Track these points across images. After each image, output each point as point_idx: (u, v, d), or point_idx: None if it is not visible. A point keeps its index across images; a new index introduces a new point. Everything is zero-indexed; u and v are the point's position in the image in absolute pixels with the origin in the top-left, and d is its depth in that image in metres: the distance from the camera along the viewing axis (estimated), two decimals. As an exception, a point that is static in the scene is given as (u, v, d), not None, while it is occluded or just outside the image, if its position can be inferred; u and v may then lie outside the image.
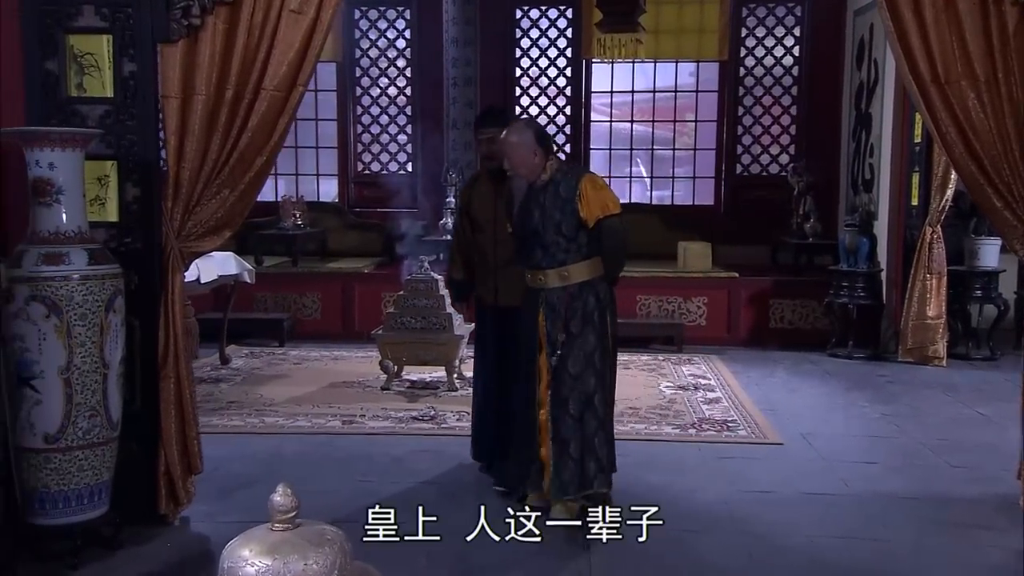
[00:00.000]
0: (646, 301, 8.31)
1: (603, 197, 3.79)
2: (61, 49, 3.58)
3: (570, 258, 3.79)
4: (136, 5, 3.57)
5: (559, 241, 3.78)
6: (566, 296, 3.80)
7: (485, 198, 4.39)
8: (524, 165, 3.81)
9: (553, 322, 3.82)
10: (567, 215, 3.75)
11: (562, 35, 9.79)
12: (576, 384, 3.80)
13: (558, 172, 3.84)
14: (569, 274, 3.80)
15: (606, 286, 3.88)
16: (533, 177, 3.84)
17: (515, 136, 3.83)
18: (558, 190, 3.79)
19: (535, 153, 3.80)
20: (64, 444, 3.33)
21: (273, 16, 3.55)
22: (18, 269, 3.25)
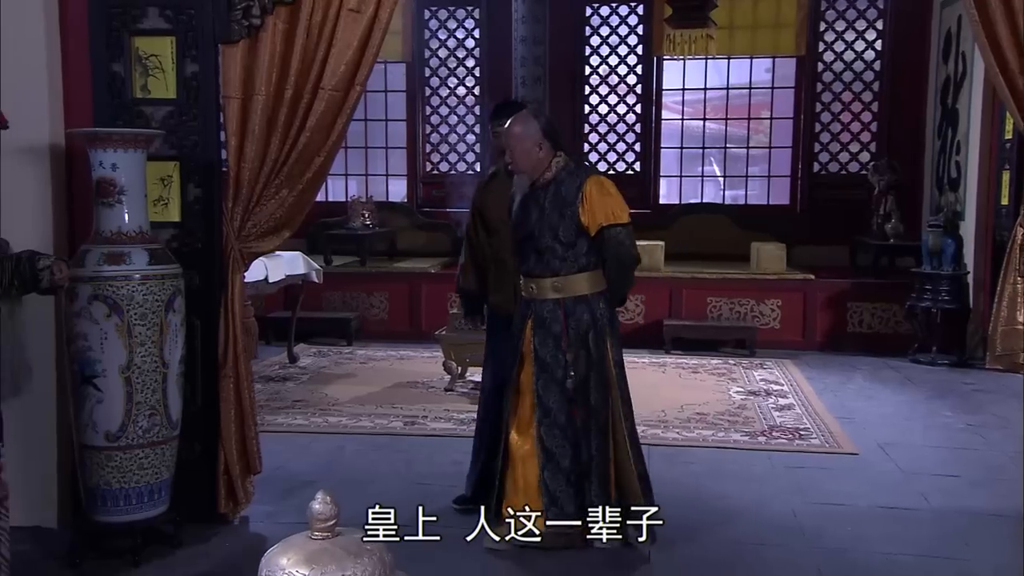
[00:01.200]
0: (717, 303, 8.11)
1: (609, 203, 3.38)
2: (126, 51, 3.62)
3: (566, 267, 3.41)
4: (198, 6, 3.59)
5: (555, 248, 3.40)
6: (559, 311, 3.41)
7: (501, 197, 3.95)
8: (526, 160, 3.43)
9: (541, 339, 3.44)
10: (566, 219, 3.38)
11: (632, 32, 9.64)
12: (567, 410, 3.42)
13: (563, 171, 3.45)
14: (563, 286, 3.42)
15: (606, 305, 3.47)
16: (536, 174, 3.47)
17: (519, 126, 3.45)
18: (559, 191, 3.41)
19: (539, 147, 3.42)
20: (125, 442, 3.36)
21: (332, 15, 3.53)
22: (81, 268, 3.29)
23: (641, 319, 8.17)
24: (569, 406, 3.43)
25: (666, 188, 10.18)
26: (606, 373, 3.45)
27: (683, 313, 8.09)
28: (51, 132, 3.61)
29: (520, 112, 3.62)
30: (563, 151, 3.48)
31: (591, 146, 9.79)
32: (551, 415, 3.43)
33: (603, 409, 3.47)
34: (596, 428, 3.44)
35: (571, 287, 3.41)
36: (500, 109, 4.11)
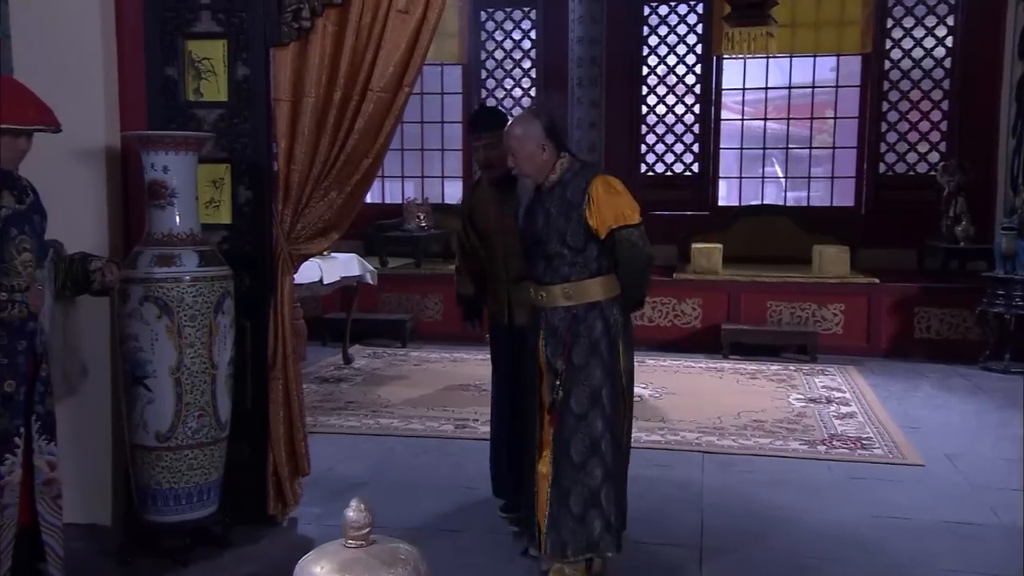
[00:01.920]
0: (777, 307, 7.92)
1: (617, 203, 3.14)
2: (180, 54, 3.66)
3: (576, 273, 3.18)
4: (250, 9, 3.60)
5: (564, 253, 3.17)
6: (569, 318, 3.18)
7: (486, 206, 3.81)
8: (530, 163, 3.19)
9: (553, 348, 3.21)
10: (573, 223, 3.14)
11: (692, 31, 9.50)
12: (580, 425, 3.16)
13: (568, 172, 3.21)
14: (574, 292, 3.18)
15: (620, 311, 3.24)
16: (540, 177, 3.22)
17: (520, 128, 3.21)
18: (565, 193, 3.18)
19: (543, 148, 3.17)
20: (175, 443, 3.38)
21: (381, 16, 3.52)
22: (133, 270, 3.33)
23: (698, 323, 8.03)
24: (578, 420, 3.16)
25: (725, 190, 10.01)
26: (619, 383, 3.23)
27: (742, 317, 7.92)
28: (107, 135, 3.66)
29: (523, 113, 3.40)
30: (568, 151, 3.28)
31: (648, 147, 9.67)
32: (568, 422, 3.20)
33: (618, 420, 3.23)
34: (612, 440, 3.19)
35: (582, 293, 3.19)
36: (477, 119, 3.87)
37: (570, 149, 3.31)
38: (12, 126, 2.74)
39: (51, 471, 3.03)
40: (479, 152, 3.79)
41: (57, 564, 3.09)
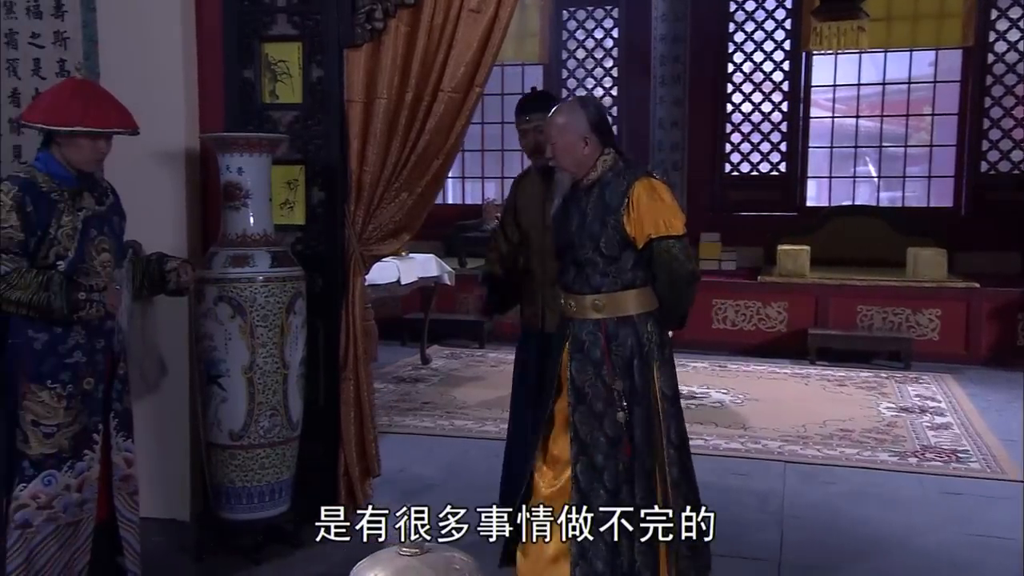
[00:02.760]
0: (868, 312, 7.61)
1: (659, 211, 2.83)
2: (257, 57, 3.70)
3: (608, 284, 2.88)
4: (324, 11, 3.62)
5: (596, 261, 2.87)
6: (599, 334, 2.88)
7: (532, 201, 3.49)
8: (569, 155, 2.90)
9: (579, 364, 2.91)
10: (609, 229, 2.84)
11: (780, 27, 9.23)
12: (612, 451, 2.86)
13: (609, 171, 2.89)
14: (604, 305, 2.88)
15: (655, 327, 2.92)
16: (580, 173, 2.92)
17: (563, 116, 2.92)
18: (604, 194, 2.87)
19: (585, 142, 2.88)
20: (247, 442, 3.42)
21: (453, 16, 3.49)
22: (208, 270, 3.37)
23: (784, 328, 7.78)
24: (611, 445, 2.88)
25: (814, 190, 9.69)
26: (652, 407, 2.90)
27: (830, 322, 7.64)
28: (186, 137, 3.73)
29: (568, 100, 3.09)
30: (615, 148, 2.97)
31: (733, 146, 9.44)
32: (588, 453, 2.89)
33: (648, 449, 2.90)
34: (641, 472, 2.87)
35: (614, 306, 2.88)
36: (527, 102, 3.53)
37: (617, 146, 3.01)
38: (92, 129, 2.79)
39: (128, 467, 3.09)
40: (528, 136, 3.46)
41: (134, 558, 3.15)
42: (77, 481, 2.90)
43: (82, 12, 3.71)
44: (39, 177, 2.80)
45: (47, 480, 2.84)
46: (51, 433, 2.83)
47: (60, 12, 3.73)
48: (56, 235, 2.78)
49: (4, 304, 2.72)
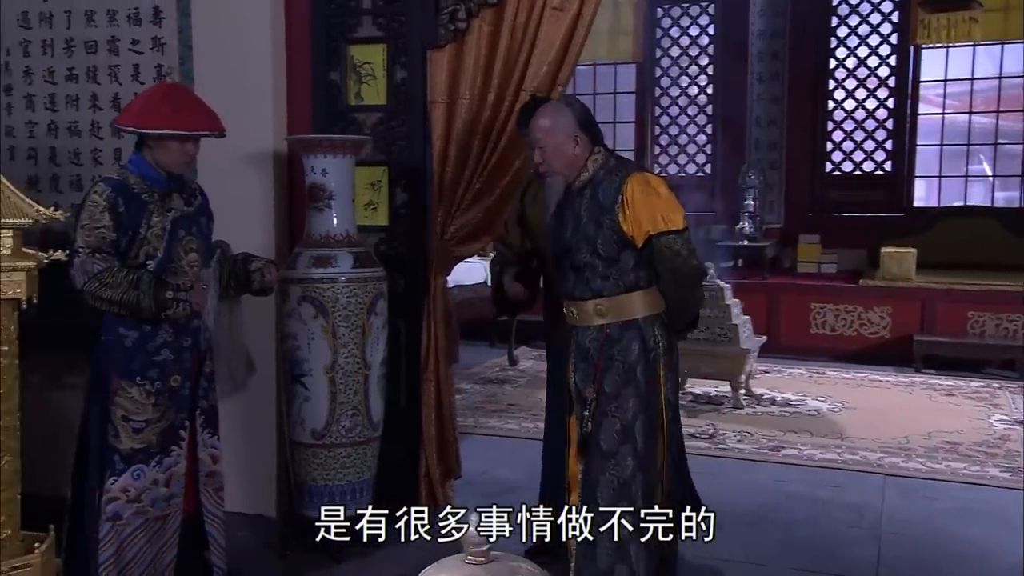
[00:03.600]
0: (979, 318, 7.22)
1: (656, 206, 2.67)
2: (343, 59, 3.74)
3: (609, 287, 2.73)
4: (408, 13, 3.63)
5: (595, 264, 2.73)
6: (601, 339, 2.75)
7: (538, 208, 3.27)
8: (559, 158, 2.76)
9: (583, 375, 2.79)
10: (605, 229, 2.70)
11: (886, 20, 8.84)
12: (607, 465, 2.71)
13: (601, 170, 2.77)
14: (607, 309, 2.74)
15: (662, 330, 2.77)
16: (571, 174, 2.79)
17: (547, 119, 2.78)
18: (597, 194, 2.73)
19: (575, 142, 2.75)
20: (329, 441, 3.45)
21: (536, 15, 3.45)
22: (292, 270, 3.42)
23: (887, 333, 7.45)
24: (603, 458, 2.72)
25: (923, 190, 9.26)
26: (657, 417, 2.76)
27: (937, 328, 7.28)
28: (275, 140, 3.79)
29: (551, 102, 2.95)
30: (603, 146, 2.83)
31: (835, 144, 9.10)
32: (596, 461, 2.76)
33: (653, 460, 2.75)
34: (643, 484, 2.72)
35: (618, 310, 2.74)
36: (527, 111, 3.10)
37: (605, 144, 2.88)
38: (180, 132, 2.86)
39: (213, 464, 3.14)
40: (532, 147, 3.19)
41: (219, 553, 3.21)
42: (165, 476, 2.97)
43: (178, 18, 3.82)
44: (131, 179, 2.88)
45: (136, 474, 2.92)
46: (140, 428, 2.90)
47: (158, 19, 3.85)
48: (146, 235, 2.85)
49: (97, 302, 2.81)
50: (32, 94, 4.02)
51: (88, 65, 3.94)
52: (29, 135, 4.05)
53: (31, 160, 4.05)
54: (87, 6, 3.92)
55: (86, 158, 3.98)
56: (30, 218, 2.36)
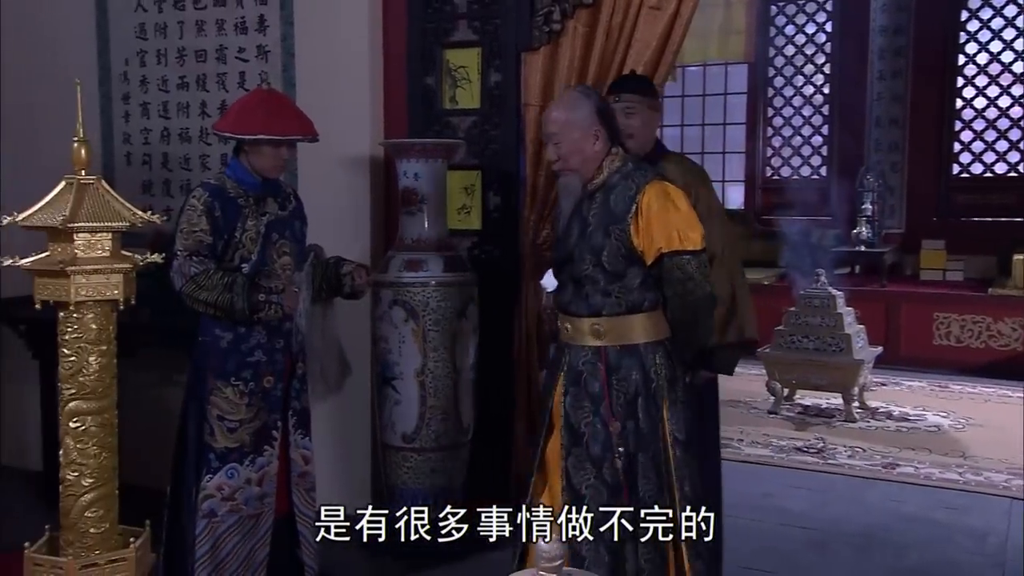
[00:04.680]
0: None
1: (673, 220, 2.39)
2: (438, 64, 3.75)
3: (609, 306, 2.44)
4: (503, 15, 3.61)
5: (597, 277, 2.44)
6: (598, 364, 2.45)
7: None
8: (577, 155, 2.49)
9: (574, 399, 2.48)
10: (614, 240, 2.41)
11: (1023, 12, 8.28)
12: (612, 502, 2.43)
13: (616, 173, 2.49)
14: (606, 330, 2.44)
15: (665, 359, 2.48)
16: (588, 174, 2.51)
17: (564, 111, 2.51)
18: (609, 199, 2.45)
19: (595, 137, 2.48)
20: (419, 444, 3.46)
21: (632, 14, 3.37)
22: (384, 274, 3.44)
23: (1019, 346, 6.97)
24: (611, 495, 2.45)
25: (1062, 192, 8.62)
26: (660, 454, 2.45)
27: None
28: (371, 144, 3.83)
29: (568, 91, 2.65)
30: (622, 146, 2.57)
31: (963, 145, 8.58)
32: (583, 504, 2.45)
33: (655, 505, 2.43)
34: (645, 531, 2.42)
35: (617, 333, 2.44)
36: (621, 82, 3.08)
37: (624, 144, 2.61)
38: (273, 137, 2.91)
39: (305, 464, 3.18)
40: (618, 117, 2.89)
41: (311, 552, 3.25)
42: (257, 476, 3.02)
43: (282, 26, 3.91)
44: (228, 183, 2.95)
45: (230, 473, 2.98)
46: (234, 428, 2.96)
47: (263, 27, 3.95)
48: (240, 239, 2.91)
49: (193, 304, 2.89)
50: (147, 102, 4.19)
51: (198, 73, 4.08)
52: (144, 141, 4.22)
53: (145, 165, 4.23)
54: (198, 17, 4.06)
55: (195, 163, 4.12)
56: (127, 222, 2.43)
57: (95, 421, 2.50)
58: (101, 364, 2.49)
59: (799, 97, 9.16)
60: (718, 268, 2.87)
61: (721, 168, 9.68)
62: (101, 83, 4.25)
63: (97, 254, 2.41)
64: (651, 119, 2.99)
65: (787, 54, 9.21)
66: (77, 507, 2.50)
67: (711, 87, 9.51)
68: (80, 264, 2.38)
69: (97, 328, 2.47)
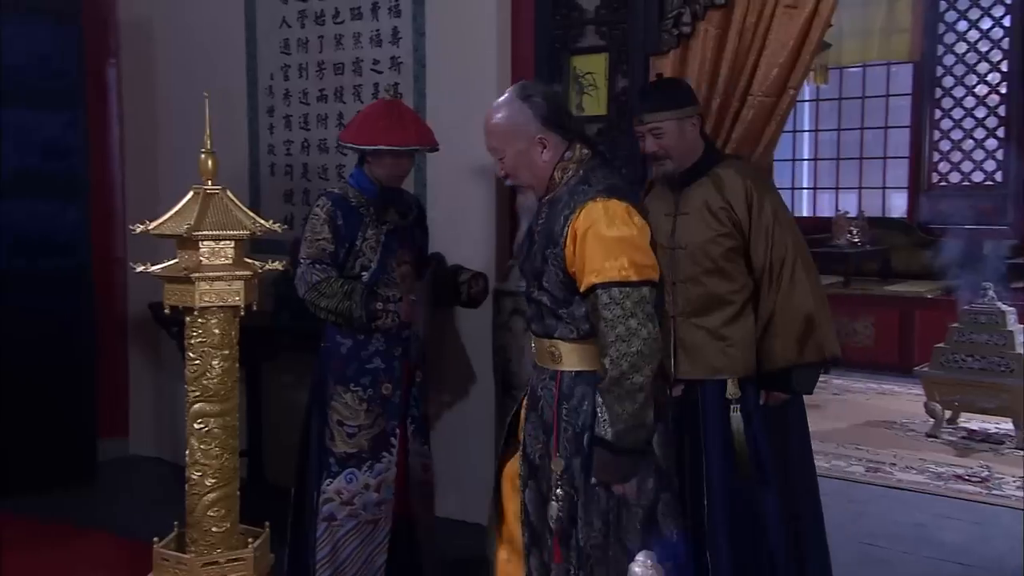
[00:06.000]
0: None
1: (604, 248, 2.05)
2: (565, 71, 3.69)
3: (562, 330, 2.17)
4: (631, 20, 3.51)
5: (542, 299, 2.19)
6: (554, 390, 2.19)
7: (657, 214, 2.68)
8: (524, 168, 2.23)
9: (532, 427, 2.25)
10: (551, 265, 2.14)
11: None
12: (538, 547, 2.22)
13: (566, 184, 2.20)
14: (560, 355, 2.19)
15: None
16: (542, 188, 2.23)
17: (500, 118, 2.24)
18: (551, 216, 2.17)
19: (543, 145, 2.20)
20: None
21: (767, 14, 3.18)
22: (505, 283, 3.42)
23: None
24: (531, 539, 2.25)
25: None
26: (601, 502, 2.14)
27: None
28: (498, 153, 3.81)
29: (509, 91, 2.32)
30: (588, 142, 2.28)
31: None
32: (539, 543, 2.24)
33: (601, 556, 2.13)
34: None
35: (572, 358, 2.17)
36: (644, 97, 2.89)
37: (587, 139, 2.32)
38: (394, 147, 2.94)
39: (424, 472, 3.20)
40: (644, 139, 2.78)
41: (430, 559, 3.27)
42: (376, 481, 3.05)
43: (414, 38, 3.97)
44: (350, 192, 3.01)
45: (349, 477, 3.03)
46: (353, 433, 3.01)
47: (396, 39, 4.02)
48: (361, 247, 2.96)
49: (316, 310, 2.96)
50: (289, 114, 4.35)
51: (336, 86, 4.21)
52: (286, 152, 4.39)
53: (287, 175, 4.40)
54: (337, 31, 4.19)
55: (331, 173, 4.25)
56: (247, 230, 2.51)
57: (217, 423, 2.58)
58: (224, 368, 2.57)
59: (971, 97, 8.51)
60: (788, 282, 2.68)
61: (882, 174, 9.14)
62: (249, 97, 4.46)
63: (220, 261, 2.49)
64: (686, 130, 2.73)
65: (958, 52, 8.57)
66: (200, 506, 2.58)
67: (871, 89, 8.99)
68: (204, 271, 2.47)
69: (220, 333, 2.55)
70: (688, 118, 2.74)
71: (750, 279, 2.74)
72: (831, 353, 2.73)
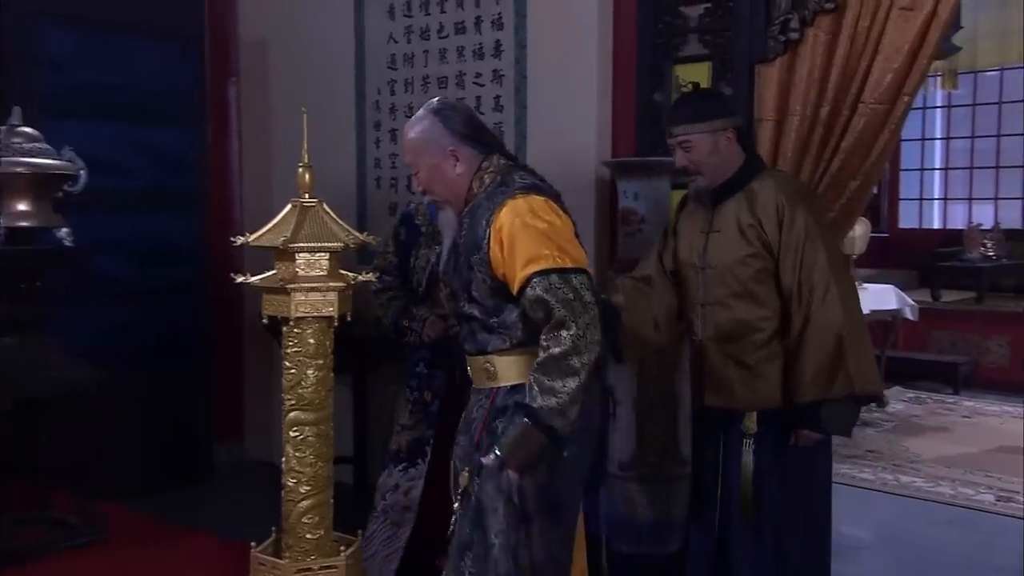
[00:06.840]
0: None
1: (533, 239, 2.03)
2: (667, 80, 3.61)
3: (495, 342, 2.15)
4: (736, 27, 3.41)
5: (473, 312, 2.16)
6: (487, 405, 2.17)
7: (692, 231, 2.69)
8: (438, 182, 2.23)
9: (463, 450, 2.25)
10: (477, 272, 2.12)
11: None
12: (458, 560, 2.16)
13: (483, 192, 2.18)
14: (496, 370, 2.16)
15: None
16: (457, 200, 2.23)
17: (414, 128, 2.25)
18: (471, 226, 2.15)
19: (455, 159, 2.20)
20: (636, 474, 3.34)
21: (880, 18, 3.03)
22: (602, 297, 3.36)
23: None
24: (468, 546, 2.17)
25: None
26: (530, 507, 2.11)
27: None
28: (597, 165, 3.77)
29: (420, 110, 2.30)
30: (506, 155, 2.27)
31: None
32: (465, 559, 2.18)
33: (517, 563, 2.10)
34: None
35: (508, 372, 2.15)
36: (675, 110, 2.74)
37: (510, 153, 2.32)
38: None
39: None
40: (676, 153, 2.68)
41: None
42: (406, 485, 3.09)
43: (515, 50, 3.97)
44: (420, 210, 3.10)
45: (388, 470, 3.15)
46: (398, 431, 3.14)
47: (498, 52, 4.04)
48: (413, 265, 3.07)
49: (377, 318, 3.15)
50: (395, 128, 4.43)
51: (440, 100, 4.25)
52: (391, 166, 4.47)
53: (392, 188, 4.48)
54: (441, 46, 4.24)
55: (434, 186, 4.29)
56: (341, 242, 2.55)
57: (312, 432, 2.64)
58: (318, 377, 2.63)
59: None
60: (820, 302, 2.45)
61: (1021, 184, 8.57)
62: (357, 111, 4.56)
63: (315, 273, 2.56)
64: (719, 144, 2.58)
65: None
66: (295, 513, 2.65)
67: (1008, 93, 8.46)
68: (299, 282, 2.53)
69: (315, 343, 2.61)
70: (721, 131, 2.59)
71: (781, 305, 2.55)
72: (865, 389, 2.47)
